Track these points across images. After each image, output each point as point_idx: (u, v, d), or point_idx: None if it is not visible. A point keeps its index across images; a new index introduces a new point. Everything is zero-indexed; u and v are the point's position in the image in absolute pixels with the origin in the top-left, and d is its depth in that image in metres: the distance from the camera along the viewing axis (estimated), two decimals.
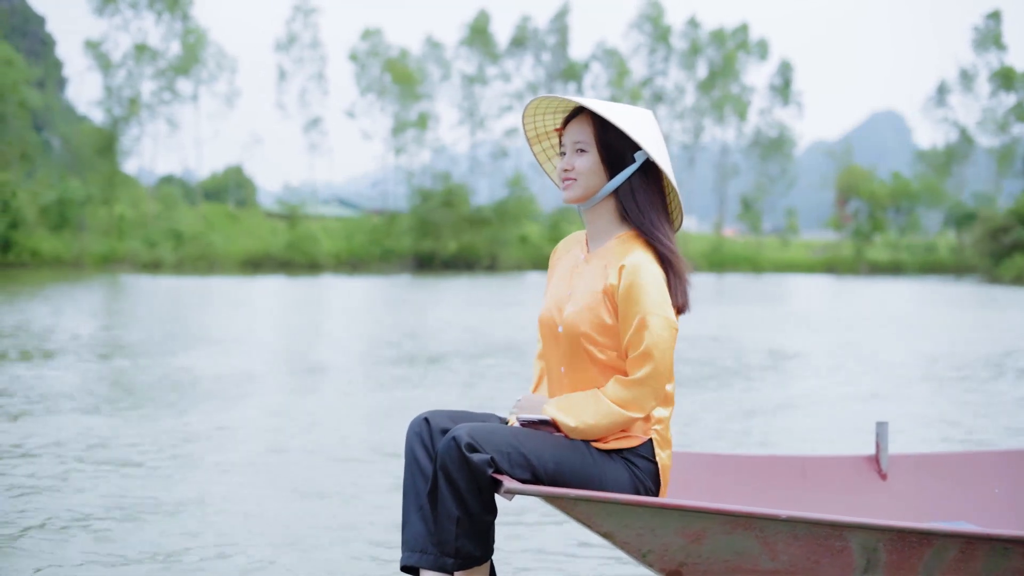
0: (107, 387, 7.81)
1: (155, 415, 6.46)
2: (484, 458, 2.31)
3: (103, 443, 5.48)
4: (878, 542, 2.42)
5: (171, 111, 52.41)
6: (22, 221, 39.29)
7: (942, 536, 2.44)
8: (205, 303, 20.13)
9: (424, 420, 2.52)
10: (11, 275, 31.04)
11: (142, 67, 50.68)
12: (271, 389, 8.08)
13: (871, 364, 10.47)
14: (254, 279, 33.91)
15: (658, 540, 2.38)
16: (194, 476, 4.79)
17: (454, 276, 39.74)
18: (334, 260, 47.74)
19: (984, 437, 6.19)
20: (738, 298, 25.72)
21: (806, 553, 2.42)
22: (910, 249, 58.15)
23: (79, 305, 17.73)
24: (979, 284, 38.60)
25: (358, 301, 22.14)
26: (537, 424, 2.53)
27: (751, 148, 63.82)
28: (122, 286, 26.41)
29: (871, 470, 3.29)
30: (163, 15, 50.91)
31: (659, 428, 2.53)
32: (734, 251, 57.50)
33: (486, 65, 61.14)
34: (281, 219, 52.24)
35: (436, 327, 14.26)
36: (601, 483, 2.45)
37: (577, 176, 2.60)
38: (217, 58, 53.72)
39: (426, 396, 7.56)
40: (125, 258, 42.11)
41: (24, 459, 5.02)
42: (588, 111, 2.59)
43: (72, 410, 6.58)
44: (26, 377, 8.04)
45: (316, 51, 57.14)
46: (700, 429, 6.31)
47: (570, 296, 2.60)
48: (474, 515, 2.36)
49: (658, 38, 62.65)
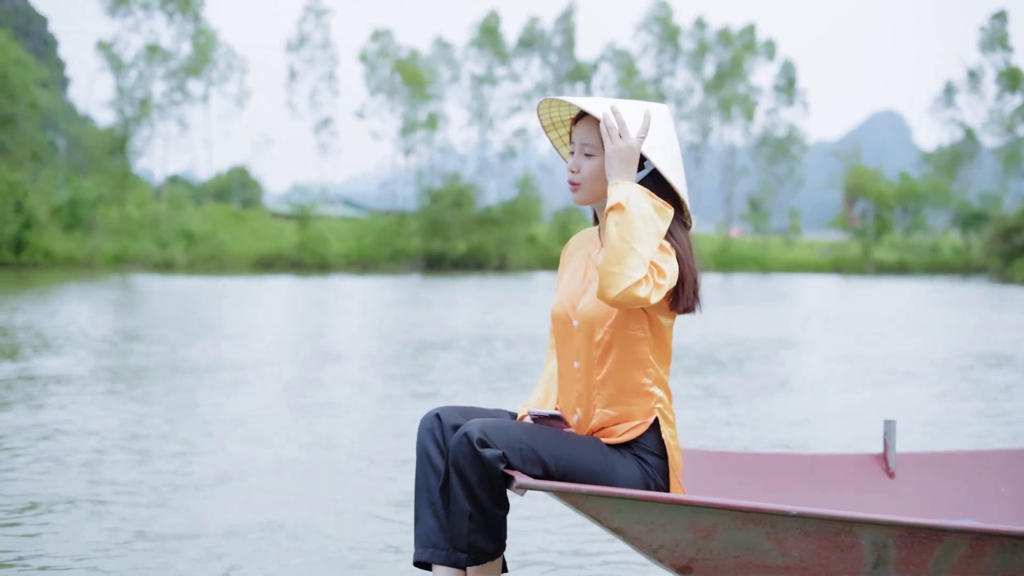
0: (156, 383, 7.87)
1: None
2: (496, 453, 2.32)
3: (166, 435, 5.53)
4: (888, 538, 2.43)
5: (182, 112, 52.63)
6: (35, 221, 39.49)
7: (952, 532, 2.44)
8: (237, 302, 20.24)
9: (435, 416, 2.54)
10: (25, 275, 31.16)
11: (153, 68, 50.88)
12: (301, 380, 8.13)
13: (881, 363, 10.45)
14: (266, 279, 34.03)
15: (669, 536, 2.39)
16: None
17: (464, 276, 39.78)
18: (344, 260, 47.89)
19: (991, 436, 6.18)
20: (746, 298, 25.69)
21: (816, 549, 2.43)
22: (917, 249, 58.37)
23: (114, 307, 17.81)
24: (990, 284, 38.56)
25: (375, 300, 22.20)
26: (548, 420, 2.55)
27: (759, 148, 63.92)
28: (141, 286, 26.50)
29: (879, 468, 3.29)
30: (175, 16, 51.09)
31: (660, 407, 2.55)
32: (741, 251, 57.64)
33: (495, 66, 61.25)
34: (287, 219, 52.45)
35: (453, 324, 14.29)
36: (612, 479, 2.46)
37: (582, 180, 2.60)
38: (227, 59, 53.91)
39: (443, 391, 7.59)
40: (137, 258, 42.29)
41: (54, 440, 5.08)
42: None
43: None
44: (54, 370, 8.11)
45: (327, 52, 57.29)
46: (708, 426, 6.32)
47: (585, 290, 2.61)
48: (486, 511, 2.37)
49: (666, 38, 62.72)
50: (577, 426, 2.60)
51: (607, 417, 2.54)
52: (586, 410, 2.58)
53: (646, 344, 2.52)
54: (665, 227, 2.47)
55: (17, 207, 38.86)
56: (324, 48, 57.23)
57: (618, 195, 2.43)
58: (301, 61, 57.05)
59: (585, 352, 2.56)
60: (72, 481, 4.59)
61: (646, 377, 2.53)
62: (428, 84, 57.21)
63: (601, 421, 2.55)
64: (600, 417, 2.55)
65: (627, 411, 2.53)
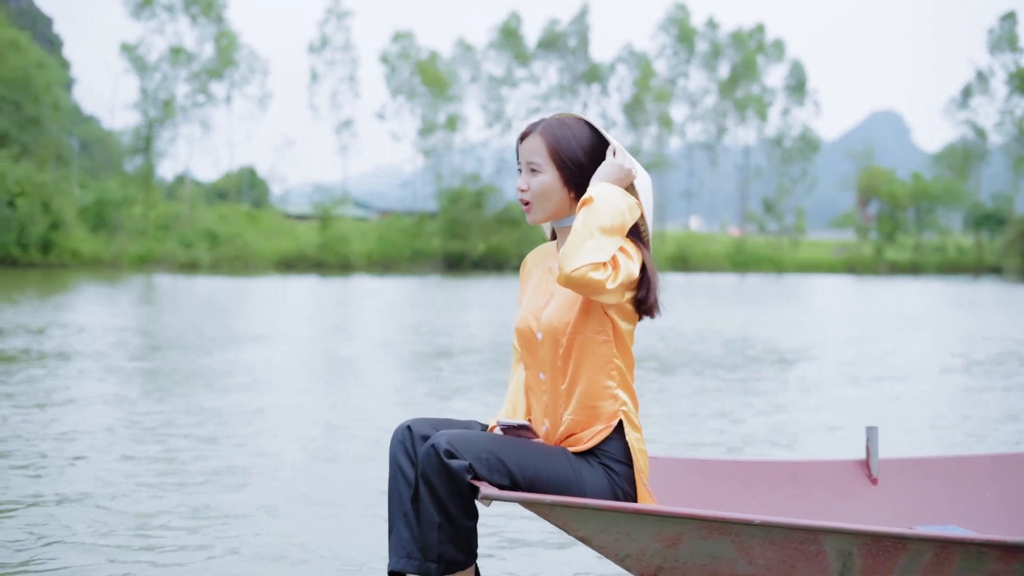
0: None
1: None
2: (463, 464, 2.36)
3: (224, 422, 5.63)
4: (853, 546, 2.45)
5: (204, 113, 53.07)
6: (62, 222, 39.96)
7: (916, 540, 2.46)
8: (279, 302, 20.56)
9: (407, 428, 2.58)
10: (54, 275, 31.48)
11: (177, 70, 51.30)
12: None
13: (887, 362, 10.42)
14: (291, 279, 34.29)
15: (635, 545, 2.43)
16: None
17: (483, 276, 39.87)
18: (366, 260, 48.14)
19: (985, 439, 6.17)
20: (760, 298, 25.59)
21: (782, 557, 2.45)
22: (930, 249, 58.66)
23: (167, 308, 18.00)
24: (1012, 284, 38.39)
25: (403, 300, 22.31)
26: (518, 430, 2.59)
27: (772, 149, 64.13)
28: (172, 286, 26.76)
29: (861, 474, 3.30)
30: (198, 19, 51.48)
31: (625, 409, 2.58)
32: (756, 251, 57.88)
33: (514, 67, 61.41)
34: (298, 219, 52.90)
35: (478, 325, 14.36)
36: (580, 488, 2.50)
37: (532, 198, 2.64)
38: (249, 61, 54.28)
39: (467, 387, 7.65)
40: (162, 259, 42.68)
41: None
42: (540, 128, 2.63)
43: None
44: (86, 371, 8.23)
45: (348, 53, 57.56)
46: (695, 428, 6.32)
47: (546, 304, 2.65)
48: (455, 521, 2.40)
49: (680, 39, 62.84)
50: (546, 436, 2.64)
51: (574, 423, 2.58)
52: (554, 420, 2.62)
53: (609, 347, 2.57)
54: (632, 222, 2.53)
55: (45, 208, 39.35)
56: (345, 50, 57.52)
57: (592, 191, 2.50)
58: (323, 63, 57.38)
59: (551, 363, 2.61)
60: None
61: (610, 380, 2.57)
62: (449, 86, 57.41)
63: (568, 428, 2.59)
64: (567, 424, 2.58)
65: (593, 415, 2.56)
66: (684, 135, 65.16)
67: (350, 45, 57.69)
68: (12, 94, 41.22)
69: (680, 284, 36.02)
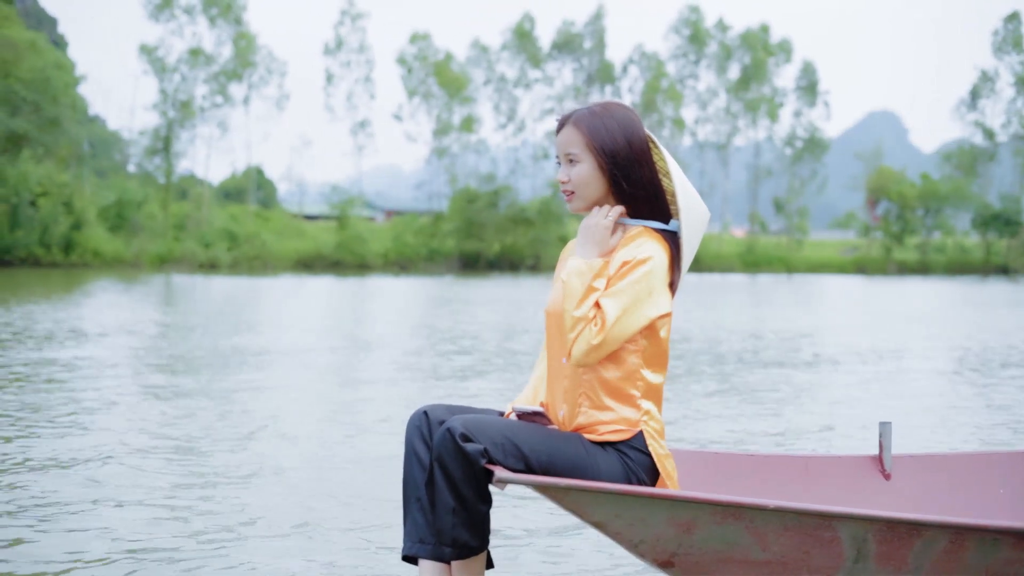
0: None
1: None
2: (478, 448, 2.36)
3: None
4: (867, 532, 2.44)
5: (222, 114, 53.34)
6: (84, 222, 40.20)
7: (931, 527, 2.45)
8: (302, 301, 20.66)
9: (423, 413, 2.59)
10: (76, 275, 31.61)
11: (196, 71, 51.55)
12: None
13: (893, 363, 10.38)
14: (310, 279, 34.42)
15: (649, 530, 2.42)
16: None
17: (499, 276, 39.89)
18: (382, 260, 48.28)
19: (995, 437, 6.14)
20: (772, 297, 25.51)
21: (796, 543, 2.44)
22: (939, 249, 58.90)
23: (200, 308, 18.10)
24: (1022, 284, 38.38)
25: (424, 300, 22.36)
26: (532, 416, 2.59)
27: (783, 150, 64.22)
28: (202, 287, 26.88)
29: (874, 469, 3.28)
30: (216, 20, 51.72)
31: (646, 419, 2.57)
32: (767, 251, 58.12)
33: (528, 68, 61.52)
34: (307, 219, 53.16)
35: (493, 323, 14.38)
36: (594, 474, 2.49)
37: (575, 188, 2.64)
38: (267, 62, 54.50)
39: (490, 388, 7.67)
40: (182, 258, 42.90)
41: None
42: (574, 118, 2.63)
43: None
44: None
45: (363, 55, 57.73)
46: (709, 424, 6.32)
47: None
48: (469, 505, 2.41)
49: (692, 40, 62.87)
50: (562, 423, 2.62)
51: (592, 418, 2.57)
52: (571, 407, 2.60)
53: (638, 356, 2.55)
54: (591, 278, 2.54)
55: (67, 208, 39.61)
56: (361, 52, 57.68)
57: (564, 274, 2.57)
58: (338, 64, 57.55)
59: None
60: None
61: (634, 389, 2.56)
62: (464, 87, 57.57)
63: (587, 420, 2.58)
64: (585, 416, 2.57)
65: (613, 416, 2.55)
66: (695, 135, 65.12)
67: (365, 47, 57.85)
68: (31, 95, 41.54)
69: (693, 283, 35.94)
